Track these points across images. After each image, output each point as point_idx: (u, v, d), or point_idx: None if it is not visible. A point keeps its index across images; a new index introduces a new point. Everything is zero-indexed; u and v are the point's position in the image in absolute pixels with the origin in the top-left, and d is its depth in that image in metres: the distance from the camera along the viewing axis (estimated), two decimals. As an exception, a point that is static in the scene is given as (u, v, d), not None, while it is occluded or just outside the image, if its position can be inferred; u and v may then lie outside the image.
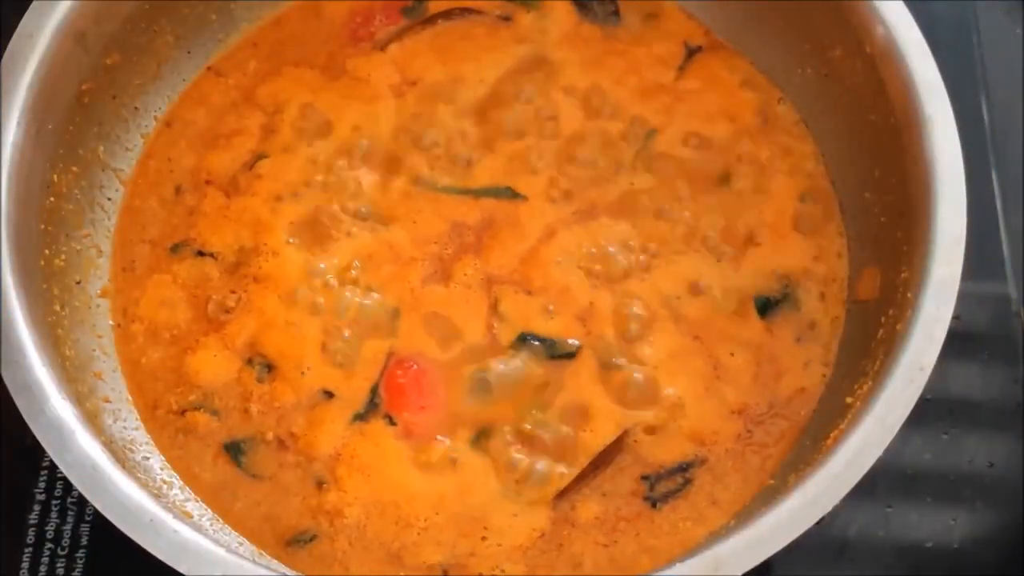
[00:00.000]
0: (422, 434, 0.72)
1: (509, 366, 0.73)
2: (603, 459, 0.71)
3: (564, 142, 0.80)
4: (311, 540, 0.69)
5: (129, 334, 0.76)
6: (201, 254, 0.77)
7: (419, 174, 0.79)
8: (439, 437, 0.72)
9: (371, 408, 0.73)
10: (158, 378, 0.74)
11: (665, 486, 0.70)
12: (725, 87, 0.82)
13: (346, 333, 0.74)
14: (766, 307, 0.75)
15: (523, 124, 0.80)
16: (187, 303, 0.76)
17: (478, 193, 0.78)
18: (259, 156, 0.80)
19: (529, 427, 0.71)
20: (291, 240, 0.77)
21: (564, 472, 0.70)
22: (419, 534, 0.70)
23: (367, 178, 0.79)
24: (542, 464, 0.71)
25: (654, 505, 0.70)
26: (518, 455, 0.71)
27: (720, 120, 0.81)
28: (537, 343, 0.73)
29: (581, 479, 0.70)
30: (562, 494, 0.70)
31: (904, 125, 0.70)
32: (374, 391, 0.73)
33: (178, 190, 0.80)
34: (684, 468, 0.71)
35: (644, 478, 0.71)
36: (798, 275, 0.76)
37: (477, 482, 0.71)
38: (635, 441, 0.72)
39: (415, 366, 0.73)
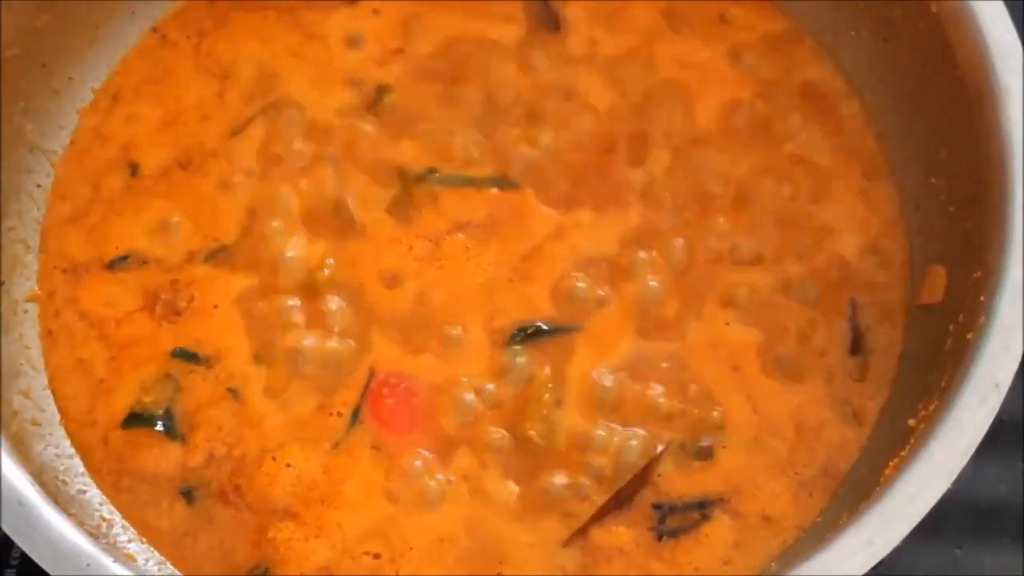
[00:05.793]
0: (413, 462, 0.69)
1: (512, 377, 0.70)
2: (622, 492, 0.68)
3: (583, 124, 0.76)
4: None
5: (61, 344, 0.73)
6: (146, 249, 0.75)
7: (409, 161, 0.76)
8: (436, 470, 0.69)
9: (352, 433, 0.70)
10: (95, 395, 0.71)
11: (678, 520, 0.68)
12: (763, 52, 0.78)
13: (317, 343, 0.71)
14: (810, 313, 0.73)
15: (536, 103, 0.77)
16: (130, 305, 0.73)
17: (479, 183, 0.75)
18: (216, 134, 0.77)
19: (536, 441, 0.69)
20: (250, 233, 0.74)
21: (581, 500, 0.68)
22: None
23: (337, 168, 0.75)
24: (557, 488, 0.69)
25: (660, 538, 0.68)
26: (525, 482, 0.69)
27: (756, 92, 0.77)
28: (536, 346, 0.71)
29: (602, 514, 0.68)
30: (582, 529, 0.68)
31: (976, 97, 0.67)
32: (355, 413, 0.70)
33: (120, 174, 0.76)
34: (703, 504, 0.68)
35: (656, 507, 0.69)
36: (848, 275, 0.73)
37: (484, 512, 0.68)
38: (659, 476, 0.69)
39: (403, 384, 0.71)
